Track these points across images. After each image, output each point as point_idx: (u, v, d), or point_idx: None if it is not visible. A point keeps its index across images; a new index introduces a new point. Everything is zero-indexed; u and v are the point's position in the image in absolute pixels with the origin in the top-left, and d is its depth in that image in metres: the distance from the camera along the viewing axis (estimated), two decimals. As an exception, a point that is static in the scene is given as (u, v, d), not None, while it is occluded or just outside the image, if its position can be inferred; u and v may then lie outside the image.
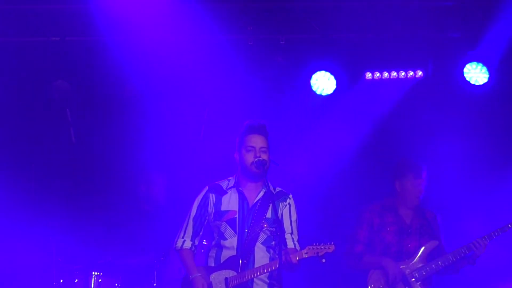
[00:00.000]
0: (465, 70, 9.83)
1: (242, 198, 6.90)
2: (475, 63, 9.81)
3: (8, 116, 9.89)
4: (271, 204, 6.75)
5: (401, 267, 7.87)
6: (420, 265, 7.91)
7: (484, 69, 9.82)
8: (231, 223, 6.85)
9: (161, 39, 9.57)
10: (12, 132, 9.93)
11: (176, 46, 9.63)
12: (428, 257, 7.94)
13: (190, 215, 7.00)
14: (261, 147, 6.80)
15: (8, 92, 9.76)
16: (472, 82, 9.84)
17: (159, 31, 9.47)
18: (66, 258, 9.09)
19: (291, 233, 6.89)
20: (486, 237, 7.88)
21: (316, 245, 6.56)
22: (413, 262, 7.92)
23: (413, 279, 7.85)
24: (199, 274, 6.78)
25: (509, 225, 7.93)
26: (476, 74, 9.85)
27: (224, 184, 7.01)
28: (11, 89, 9.76)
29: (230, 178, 7.04)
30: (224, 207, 6.91)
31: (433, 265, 7.91)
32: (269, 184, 6.88)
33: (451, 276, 8.28)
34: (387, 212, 8.09)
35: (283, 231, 6.76)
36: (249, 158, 6.80)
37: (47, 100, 9.86)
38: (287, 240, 6.84)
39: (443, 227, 8.22)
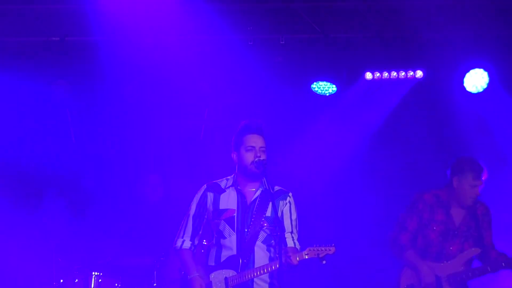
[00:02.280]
0: (465, 79, 9.87)
1: (241, 197, 6.91)
2: (476, 69, 9.83)
3: (8, 116, 9.89)
4: (270, 203, 6.76)
5: (437, 270, 7.77)
6: (457, 269, 7.80)
7: (485, 74, 9.84)
8: (230, 221, 6.86)
9: (161, 39, 9.57)
10: (12, 132, 9.93)
11: (176, 46, 9.63)
12: (467, 263, 7.83)
13: (189, 213, 7.00)
14: (261, 147, 6.82)
15: (8, 92, 9.75)
16: (472, 90, 9.88)
17: (159, 31, 9.47)
18: (66, 258, 9.09)
19: (291, 232, 6.89)
20: None
21: (317, 246, 6.56)
22: (450, 266, 7.81)
23: (447, 284, 7.76)
24: (197, 274, 6.79)
25: None
26: (476, 80, 9.87)
27: (222, 183, 7.02)
28: (11, 89, 9.75)
29: (228, 177, 7.04)
30: (222, 206, 6.92)
31: (469, 273, 7.78)
32: (266, 183, 6.88)
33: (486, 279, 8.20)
34: (438, 207, 7.91)
35: (283, 231, 6.77)
36: (249, 157, 6.80)
37: (47, 100, 9.85)
38: (287, 239, 6.83)
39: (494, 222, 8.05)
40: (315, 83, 10.02)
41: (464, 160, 7.95)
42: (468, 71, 9.86)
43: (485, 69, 9.81)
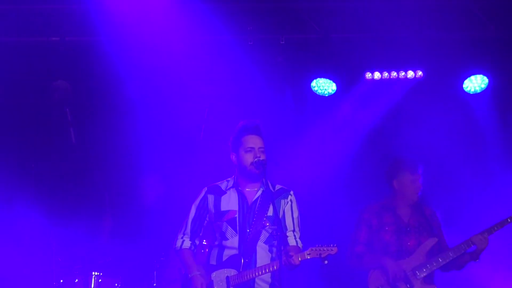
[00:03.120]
0: (464, 85, 9.91)
1: (242, 198, 6.92)
2: (475, 75, 9.87)
3: (8, 116, 9.88)
4: (272, 202, 6.76)
5: (401, 265, 7.86)
6: (420, 262, 7.89)
7: (485, 78, 9.87)
8: (232, 223, 6.86)
9: (161, 39, 9.57)
10: (12, 132, 9.92)
11: (176, 46, 9.63)
12: (428, 254, 7.92)
13: (189, 216, 7.02)
14: (260, 147, 6.84)
15: (8, 92, 9.75)
16: (471, 90, 9.93)
17: (159, 31, 9.47)
18: (66, 258, 9.09)
19: (293, 231, 6.90)
20: (485, 231, 7.87)
21: (319, 246, 6.56)
22: (413, 259, 7.90)
23: (414, 277, 7.84)
24: (198, 272, 6.80)
25: (509, 219, 7.93)
26: (475, 82, 9.92)
27: (223, 185, 7.03)
28: (11, 89, 9.75)
29: (228, 179, 7.05)
30: (224, 207, 6.92)
31: (433, 262, 7.89)
32: (268, 183, 6.89)
33: (453, 274, 8.28)
34: (385, 212, 8.10)
35: (285, 229, 6.77)
36: (249, 158, 6.81)
37: (47, 100, 9.84)
38: (288, 238, 6.84)
39: (444, 224, 8.20)
40: (314, 80, 10.01)
41: (397, 161, 8.19)
42: (468, 76, 9.90)
43: (484, 74, 9.85)
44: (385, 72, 9.96)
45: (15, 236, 9.49)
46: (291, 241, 6.84)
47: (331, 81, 10.00)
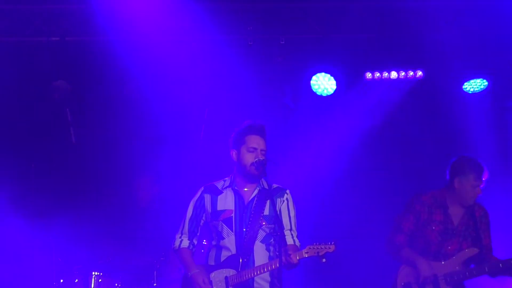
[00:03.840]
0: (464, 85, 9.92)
1: (238, 197, 6.92)
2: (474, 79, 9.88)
3: (8, 116, 9.89)
4: (268, 201, 6.76)
5: (434, 268, 7.73)
6: (454, 269, 7.76)
7: (484, 81, 9.88)
8: (228, 222, 6.87)
9: (161, 39, 9.57)
10: (12, 132, 9.93)
11: (176, 46, 9.64)
12: (465, 263, 7.78)
13: (186, 216, 7.04)
14: (262, 149, 6.86)
15: (8, 92, 9.75)
16: (470, 89, 9.93)
17: (159, 31, 9.47)
18: (66, 258, 9.09)
19: (290, 229, 6.90)
20: None
21: (316, 244, 6.55)
22: (448, 265, 7.77)
23: (444, 282, 7.71)
24: (198, 270, 6.80)
25: None
26: (473, 85, 9.92)
27: (219, 184, 7.04)
28: (11, 89, 9.76)
29: (226, 178, 7.06)
30: (220, 207, 6.93)
31: (467, 273, 7.73)
32: (265, 182, 6.89)
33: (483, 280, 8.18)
34: (437, 208, 7.87)
35: (281, 228, 6.76)
36: (250, 158, 6.82)
37: (47, 100, 9.85)
38: (286, 237, 6.83)
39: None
40: (314, 76, 9.98)
41: (465, 160, 7.88)
42: (467, 78, 9.91)
43: (484, 77, 9.85)
44: (385, 72, 9.96)
45: (15, 236, 9.49)
46: (289, 240, 6.83)
47: (331, 77, 9.96)
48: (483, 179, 7.81)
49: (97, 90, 9.97)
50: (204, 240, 7.72)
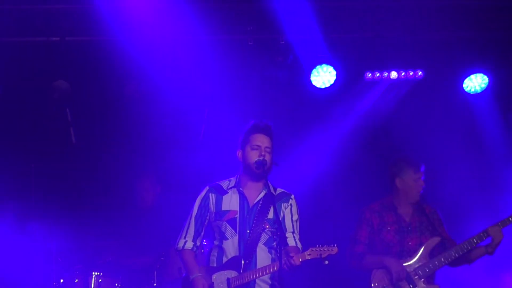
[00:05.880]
0: (464, 84, 9.91)
1: (243, 198, 6.92)
2: (475, 74, 9.86)
3: (8, 116, 9.88)
4: (272, 206, 6.76)
5: (403, 265, 7.85)
6: (423, 262, 7.88)
7: (485, 77, 9.87)
8: (232, 223, 6.87)
9: (161, 39, 9.56)
10: (12, 132, 9.92)
11: (176, 46, 9.63)
12: (431, 254, 7.90)
13: (191, 215, 7.03)
14: (266, 147, 6.86)
15: (8, 92, 9.75)
16: (471, 89, 9.92)
17: (158, 31, 9.46)
18: (66, 258, 9.08)
19: (293, 232, 6.91)
20: (499, 223, 7.80)
21: (319, 246, 6.56)
22: (415, 259, 7.89)
23: (417, 277, 7.82)
24: (200, 274, 6.80)
25: None
26: (475, 82, 9.91)
27: (225, 184, 7.04)
28: (12, 89, 9.75)
29: (231, 178, 7.06)
30: (224, 207, 6.93)
31: (436, 262, 7.86)
32: (270, 185, 6.89)
33: (455, 273, 8.23)
34: (386, 211, 8.08)
35: (283, 232, 6.76)
36: (253, 156, 6.84)
37: (47, 100, 9.84)
38: (288, 239, 6.84)
39: (444, 223, 8.16)
40: (314, 70, 9.96)
41: (398, 159, 8.18)
42: (467, 76, 9.90)
43: (485, 73, 9.85)
44: (385, 72, 9.96)
45: (15, 236, 9.48)
46: (291, 242, 6.84)
47: (332, 68, 9.94)
48: (422, 171, 8.06)
49: (97, 90, 9.96)
50: (204, 240, 7.71)
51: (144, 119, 10.03)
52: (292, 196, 7.02)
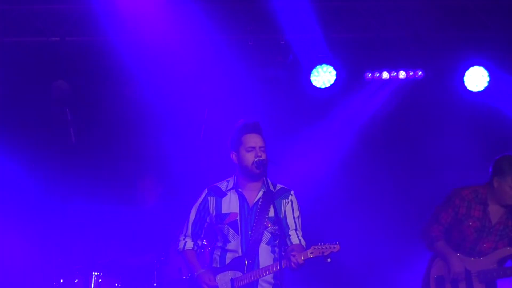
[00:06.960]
0: (465, 78, 9.90)
1: (242, 199, 6.89)
2: (476, 67, 9.85)
3: (8, 116, 9.88)
4: (272, 203, 6.74)
5: (468, 265, 7.73)
6: (489, 267, 7.76)
7: (485, 73, 9.87)
8: (233, 225, 6.84)
9: (161, 39, 9.57)
10: (12, 132, 9.91)
11: (176, 46, 9.64)
12: (499, 262, 7.77)
13: (189, 219, 6.98)
14: (260, 147, 6.81)
15: (8, 92, 9.74)
16: (472, 88, 9.90)
17: (158, 31, 9.47)
18: (66, 258, 9.08)
19: (295, 229, 6.86)
20: None
21: (321, 244, 6.54)
22: (482, 262, 7.77)
23: (477, 280, 7.73)
24: (204, 270, 6.79)
25: None
26: (476, 79, 9.90)
27: (223, 185, 6.99)
28: (12, 89, 9.75)
29: (229, 179, 7.01)
30: (225, 210, 6.89)
31: (501, 272, 7.74)
32: (269, 183, 6.87)
33: None
34: (476, 203, 7.82)
35: (285, 230, 6.74)
36: (250, 158, 6.78)
37: (47, 100, 9.84)
38: (291, 236, 6.82)
39: None
40: (314, 69, 9.97)
41: (504, 160, 7.80)
42: (467, 68, 9.89)
43: (485, 68, 9.84)
44: (385, 72, 9.97)
45: (15, 236, 9.48)
46: (294, 240, 6.82)
47: (332, 68, 9.95)
48: None
49: (97, 90, 9.97)
50: (204, 241, 7.69)
51: (144, 119, 10.03)
52: (292, 192, 6.97)
